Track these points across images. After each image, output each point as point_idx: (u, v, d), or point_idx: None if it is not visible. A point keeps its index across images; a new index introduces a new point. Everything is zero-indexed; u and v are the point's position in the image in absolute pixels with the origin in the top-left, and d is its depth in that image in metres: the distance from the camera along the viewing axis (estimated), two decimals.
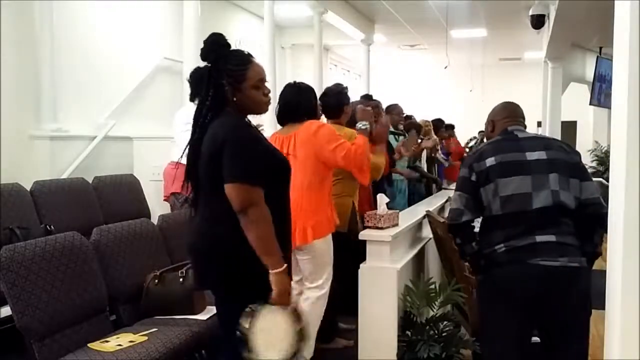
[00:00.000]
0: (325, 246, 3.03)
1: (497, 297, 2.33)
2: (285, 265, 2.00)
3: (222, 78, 2.05)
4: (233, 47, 2.15)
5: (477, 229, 2.45)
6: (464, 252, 2.47)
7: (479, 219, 2.43)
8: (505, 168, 2.30)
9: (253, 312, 1.97)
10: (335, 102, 3.54)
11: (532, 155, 2.31)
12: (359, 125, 3.28)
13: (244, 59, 2.10)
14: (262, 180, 1.98)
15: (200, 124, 2.07)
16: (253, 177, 1.97)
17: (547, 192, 2.24)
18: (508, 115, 2.52)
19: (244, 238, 1.97)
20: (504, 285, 2.29)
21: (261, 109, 2.16)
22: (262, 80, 2.13)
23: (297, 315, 2.02)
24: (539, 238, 2.22)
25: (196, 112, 2.11)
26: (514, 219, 2.26)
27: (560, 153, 2.33)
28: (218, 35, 2.10)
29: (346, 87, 3.64)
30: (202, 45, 2.14)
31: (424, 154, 6.10)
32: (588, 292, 2.30)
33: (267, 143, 2.21)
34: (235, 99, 2.07)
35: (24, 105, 4.76)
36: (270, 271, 1.96)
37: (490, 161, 2.32)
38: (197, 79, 2.16)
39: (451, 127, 9.05)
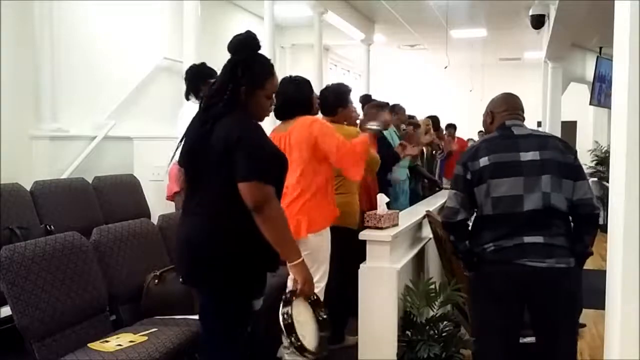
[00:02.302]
0: (320, 241, 3.03)
1: (485, 294, 2.38)
2: (303, 257, 2.08)
3: (243, 78, 2.09)
4: None
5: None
6: (457, 249, 2.51)
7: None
8: (498, 169, 2.31)
9: (289, 301, 2.04)
10: (332, 100, 3.55)
11: (526, 156, 2.31)
12: (370, 125, 3.28)
13: (269, 69, 2.18)
14: (273, 179, 2.06)
15: (211, 114, 2.08)
16: (267, 175, 2.03)
17: (538, 195, 2.26)
18: (507, 108, 2.52)
19: (249, 234, 2.02)
20: (492, 283, 2.33)
21: (262, 117, 2.23)
22: (274, 93, 2.22)
23: (320, 305, 2.12)
24: (527, 239, 2.24)
25: (208, 102, 2.13)
26: (504, 219, 2.28)
27: (555, 153, 2.33)
28: (253, 36, 2.15)
29: (349, 90, 3.63)
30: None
31: (425, 152, 6.10)
32: (576, 292, 2.32)
33: (272, 143, 2.27)
34: (247, 101, 2.11)
35: (23, 105, 4.76)
36: (289, 263, 2.06)
37: (484, 161, 2.34)
38: (195, 77, 2.21)
39: (453, 126, 9.06)
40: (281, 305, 2.04)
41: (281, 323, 2.01)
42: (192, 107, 3.91)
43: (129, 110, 5.84)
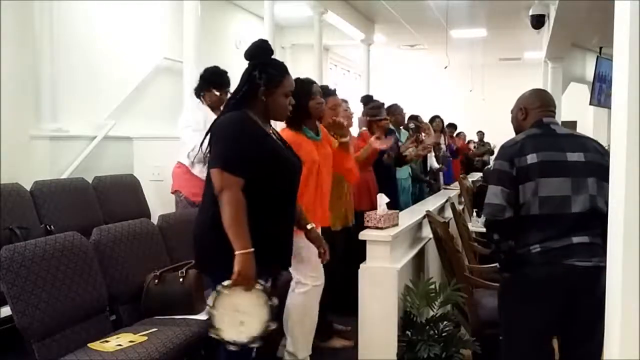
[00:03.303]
0: (298, 245, 3.00)
1: (527, 296, 2.30)
2: (250, 250, 2.09)
3: (260, 79, 2.25)
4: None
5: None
6: (499, 249, 2.37)
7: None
8: (546, 167, 2.24)
9: (218, 291, 2.08)
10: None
11: (572, 157, 2.27)
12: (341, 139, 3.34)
13: (284, 68, 2.36)
14: (241, 171, 2.14)
15: (222, 113, 2.34)
16: (231, 165, 2.14)
17: (585, 197, 2.22)
18: (542, 104, 2.44)
19: (255, 227, 2.13)
20: (538, 285, 2.26)
21: (282, 116, 2.41)
22: (292, 92, 2.36)
23: (263, 297, 2.10)
24: (575, 239, 2.20)
25: (226, 104, 2.36)
26: (551, 220, 2.22)
27: (597, 156, 2.30)
28: (266, 42, 2.34)
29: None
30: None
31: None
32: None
33: (272, 143, 2.31)
34: (265, 100, 2.27)
35: (24, 105, 4.76)
36: (235, 252, 2.09)
37: (531, 158, 2.26)
38: (210, 78, 2.39)
39: (453, 126, 9.07)
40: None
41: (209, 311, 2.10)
42: (192, 110, 3.93)
43: (129, 110, 5.84)
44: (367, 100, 4.83)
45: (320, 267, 3.06)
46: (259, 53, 2.31)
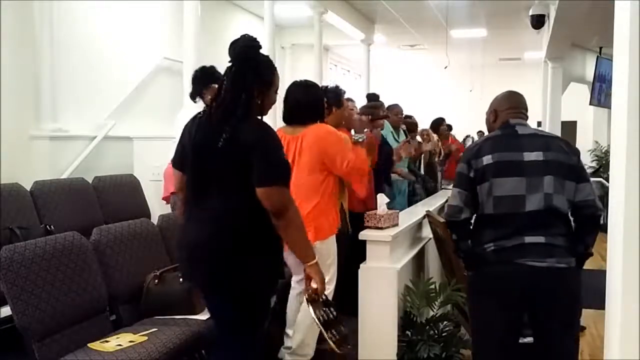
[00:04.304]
0: (326, 248, 3.03)
1: (485, 294, 2.36)
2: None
3: (254, 82, 2.11)
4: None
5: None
6: (459, 248, 2.49)
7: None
8: (501, 168, 2.29)
9: (315, 301, 2.13)
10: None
11: (529, 156, 2.30)
12: (356, 137, 3.29)
13: (272, 66, 2.21)
14: (289, 183, 2.10)
15: (232, 124, 2.06)
16: (286, 180, 2.08)
17: (540, 195, 2.25)
18: (511, 106, 2.49)
19: (264, 235, 2.09)
20: (492, 283, 2.32)
21: (268, 111, 2.27)
22: (283, 98, 2.35)
23: (330, 304, 2.20)
24: (528, 239, 2.23)
25: (226, 111, 2.09)
26: (505, 219, 2.27)
27: (559, 154, 2.32)
28: (252, 39, 2.15)
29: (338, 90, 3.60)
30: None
31: (423, 158, 6.10)
32: (577, 292, 2.32)
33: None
34: (260, 101, 2.15)
35: (23, 105, 4.76)
36: (306, 264, 2.11)
37: (487, 159, 2.32)
38: (203, 78, 2.25)
39: (449, 127, 9.06)
40: (309, 306, 2.13)
41: (318, 321, 2.11)
42: (192, 110, 3.91)
43: (128, 110, 5.84)
44: (370, 97, 4.87)
45: (329, 277, 3.08)
46: (247, 53, 2.13)
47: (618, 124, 1.41)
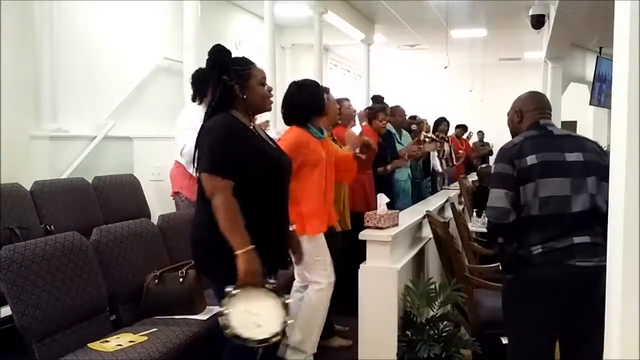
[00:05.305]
0: (310, 245, 3.02)
1: (529, 297, 2.30)
2: (251, 247, 2.11)
3: (231, 79, 2.26)
4: (232, 49, 2.34)
5: None
6: (504, 252, 2.37)
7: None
8: (546, 168, 2.25)
9: (230, 293, 2.06)
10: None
11: (570, 157, 2.27)
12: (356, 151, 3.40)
13: (247, 60, 2.35)
14: (230, 173, 2.17)
15: (205, 119, 2.31)
16: (219, 169, 2.17)
17: (585, 196, 2.23)
18: (537, 106, 2.45)
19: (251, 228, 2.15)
20: (540, 285, 2.26)
21: (266, 104, 2.38)
22: (265, 79, 2.36)
23: (275, 296, 2.11)
24: (576, 240, 2.21)
25: (206, 111, 2.34)
26: (551, 220, 2.23)
27: (595, 155, 2.31)
28: (220, 46, 2.32)
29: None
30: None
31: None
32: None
33: (259, 143, 2.33)
34: (245, 96, 2.27)
35: (24, 105, 4.76)
36: (235, 252, 2.10)
37: (531, 159, 2.26)
38: (201, 80, 2.34)
39: (463, 127, 9.08)
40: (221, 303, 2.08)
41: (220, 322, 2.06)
42: (193, 109, 3.92)
43: (129, 110, 5.84)
44: (375, 99, 4.90)
45: (331, 265, 3.09)
46: (219, 58, 2.30)
47: (618, 124, 1.40)
